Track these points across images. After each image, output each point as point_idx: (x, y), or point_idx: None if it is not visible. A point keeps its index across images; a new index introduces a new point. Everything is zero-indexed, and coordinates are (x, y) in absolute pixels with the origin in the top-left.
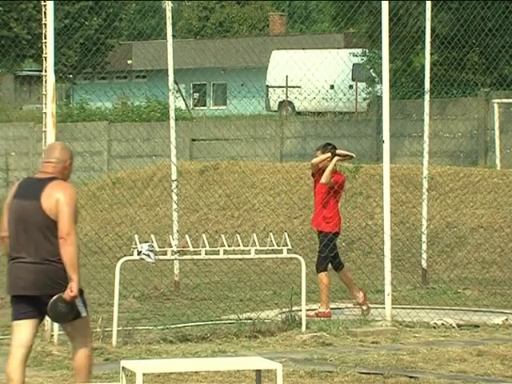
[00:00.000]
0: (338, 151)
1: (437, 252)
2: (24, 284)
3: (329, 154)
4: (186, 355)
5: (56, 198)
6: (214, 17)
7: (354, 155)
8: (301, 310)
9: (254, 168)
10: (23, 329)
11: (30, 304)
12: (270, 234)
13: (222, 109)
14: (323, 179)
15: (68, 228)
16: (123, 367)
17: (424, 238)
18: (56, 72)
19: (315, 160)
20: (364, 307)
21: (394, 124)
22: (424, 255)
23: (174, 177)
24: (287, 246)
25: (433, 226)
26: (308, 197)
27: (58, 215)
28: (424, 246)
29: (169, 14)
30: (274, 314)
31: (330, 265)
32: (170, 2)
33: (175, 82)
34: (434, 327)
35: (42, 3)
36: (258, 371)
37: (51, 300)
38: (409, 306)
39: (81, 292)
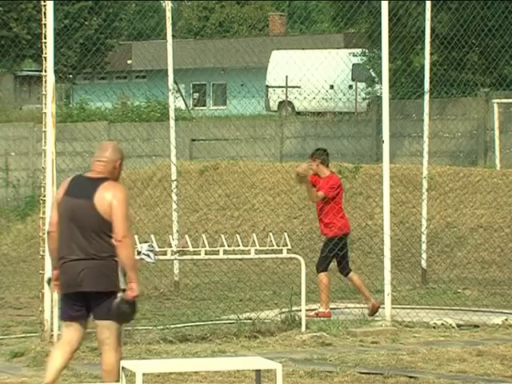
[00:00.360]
0: (296, 169)
1: (436, 252)
2: (78, 281)
3: (296, 174)
4: (185, 355)
5: (109, 200)
6: (213, 17)
7: (311, 166)
8: (300, 310)
9: (254, 168)
10: (73, 329)
11: (81, 303)
12: (270, 234)
13: (222, 109)
14: (311, 200)
15: (123, 231)
16: (123, 367)
17: (424, 238)
18: (56, 72)
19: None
20: (368, 311)
21: (393, 124)
22: (424, 255)
23: (173, 177)
24: (287, 246)
25: (432, 226)
26: (307, 197)
27: (112, 218)
28: (424, 246)
29: (168, 14)
30: (274, 314)
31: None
32: (169, 2)
33: (175, 82)
34: (434, 327)
35: (42, 3)
36: (258, 371)
37: (114, 302)
38: (408, 306)
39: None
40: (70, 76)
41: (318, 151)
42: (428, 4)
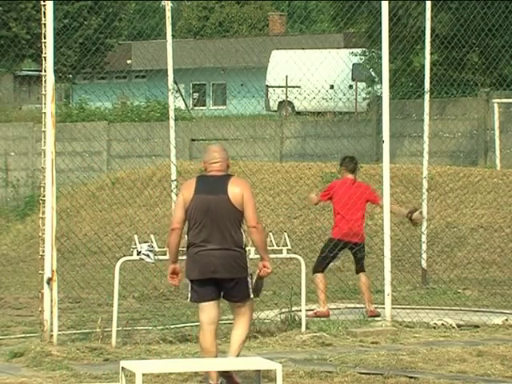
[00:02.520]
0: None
1: (437, 252)
2: (214, 268)
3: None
4: (185, 355)
5: (241, 193)
6: (213, 17)
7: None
8: (300, 310)
9: (254, 168)
10: (210, 309)
11: (214, 287)
12: (270, 234)
13: (222, 109)
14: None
15: (256, 218)
16: (123, 367)
17: (424, 238)
18: (55, 72)
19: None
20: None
21: (393, 124)
22: (424, 255)
23: (173, 177)
24: (287, 246)
25: (433, 226)
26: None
27: (245, 208)
28: (424, 246)
29: (168, 14)
30: (274, 314)
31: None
32: (169, 1)
33: (175, 82)
34: (434, 327)
35: (42, 3)
36: (258, 371)
37: (254, 280)
38: (409, 307)
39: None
40: (70, 76)
41: (344, 160)
42: (428, 4)
